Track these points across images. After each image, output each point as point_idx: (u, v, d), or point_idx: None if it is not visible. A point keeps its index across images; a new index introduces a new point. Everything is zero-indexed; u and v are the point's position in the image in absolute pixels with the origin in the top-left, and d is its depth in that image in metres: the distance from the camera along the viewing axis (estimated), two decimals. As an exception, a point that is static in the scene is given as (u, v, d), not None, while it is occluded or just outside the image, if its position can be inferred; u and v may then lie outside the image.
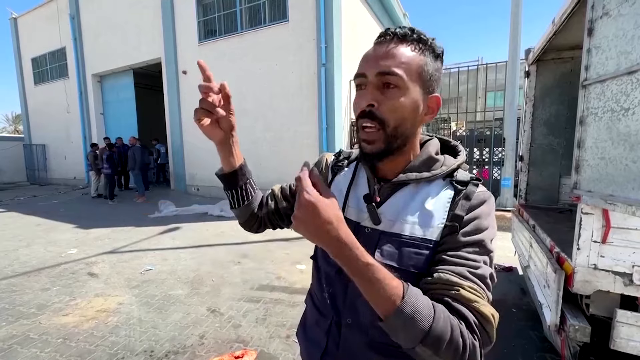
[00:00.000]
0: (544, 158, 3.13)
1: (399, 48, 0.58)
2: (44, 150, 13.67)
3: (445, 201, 0.61)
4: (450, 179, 0.63)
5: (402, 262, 0.60)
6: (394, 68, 0.57)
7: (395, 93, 0.58)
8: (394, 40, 0.59)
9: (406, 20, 12.00)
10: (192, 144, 9.10)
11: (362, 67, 0.60)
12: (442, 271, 0.55)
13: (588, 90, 1.46)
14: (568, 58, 2.93)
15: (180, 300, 2.96)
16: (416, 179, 0.62)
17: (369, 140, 0.60)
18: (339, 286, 0.68)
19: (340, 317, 0.68)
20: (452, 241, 0.58)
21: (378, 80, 0.58)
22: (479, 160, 6.87)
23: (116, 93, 11.33)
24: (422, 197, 0.62)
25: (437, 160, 0.65)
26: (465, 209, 0.59)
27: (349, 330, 0.67)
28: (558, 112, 3.04)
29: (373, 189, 0.66)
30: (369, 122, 0.59)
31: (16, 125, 30.18)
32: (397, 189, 0.65)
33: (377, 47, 0.61)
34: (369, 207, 0.64)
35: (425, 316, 0.48)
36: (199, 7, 8.46)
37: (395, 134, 0.59)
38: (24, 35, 13.41)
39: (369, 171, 0.68)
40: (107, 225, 5.98)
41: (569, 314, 1.55)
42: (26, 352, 2.20)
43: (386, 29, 0.61)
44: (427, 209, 0.61)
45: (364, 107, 0.59)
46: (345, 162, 0.77)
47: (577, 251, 1.46)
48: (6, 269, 3.82)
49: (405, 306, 0.48)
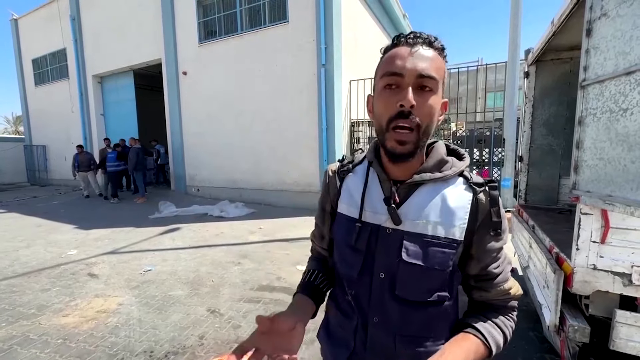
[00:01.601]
0: (544, 158, 3.13)
1: (431, 53, 0.60)
2: (44, 151, 13.68)
3: (466, 202, 0.65)
4: (465, 179, 0.67)
5: (427, 261, 0.63)
6: (433, 72, 0.59)
7: (430, 96, 0.59)
8: (425, 44, 0.60)
9: (406, 21, 12.01)
10: (192, 145, 9.10)
11: (397, 66, 0.59)
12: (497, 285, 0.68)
13: (587, 90, 1.46)
14: (567, 59, 2.94)
15: (180, 301, 2.96)
16: (430, 179, 0.65)
17: (402, 141, 0.60)
18: (362, 288, 0.70)
19: (367, 318, 0.69)
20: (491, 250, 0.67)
21: (417, 82, 0.59)
22: (478, 161, 6.87)
23: (116, 94, 11.34)
24: (442, 196, 0.65)
25: (447, 161, 0.68)
26: (498, 215, 0.65)
27: (376, 329, 0.69)
28: (557, 113, 3.04)
29: (390, 190, 0.67)
30: (406, 122, 0.59)
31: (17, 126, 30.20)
32: (413, 189, 0.67)
33: (409, 48, 0.60)
34: (390, 208, 0.65)
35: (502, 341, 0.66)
36: (199, 8, 8.47)
37: (424, 136, 0.62)
38: (25, 36, 13.43)
39: (383, 174, 0.69)
40: (107, 226, 5.98)
41: (568, 314, 1.55)
42: (26, 352, 2.21)
43: (410, 32, 0.62)
44: (449, 208, 0.64)
45: (406, 108, 0.58)
46: (350, 166, 0.77)
47: (576, 251, 1.46)
48: (6, 270, 3.82)
49: (494, 351, 0.64)
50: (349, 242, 0.70)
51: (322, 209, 0.82)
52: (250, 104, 7.86)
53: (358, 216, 0.69)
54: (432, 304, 0.67)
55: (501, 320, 0.68)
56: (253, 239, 5.04)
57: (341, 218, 0.74)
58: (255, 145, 7.88)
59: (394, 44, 0.63)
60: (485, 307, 0.70)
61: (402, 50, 0.61)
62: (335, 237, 0.77)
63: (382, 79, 0.62)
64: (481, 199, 0.65)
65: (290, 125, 7.38)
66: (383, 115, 0.62)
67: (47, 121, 13.31)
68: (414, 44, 0.60)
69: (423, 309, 0.67)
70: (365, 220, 0.69)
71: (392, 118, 0.60)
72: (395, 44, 0.63)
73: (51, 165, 13.59)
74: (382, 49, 0.66)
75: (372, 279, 0.68)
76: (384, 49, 0.66)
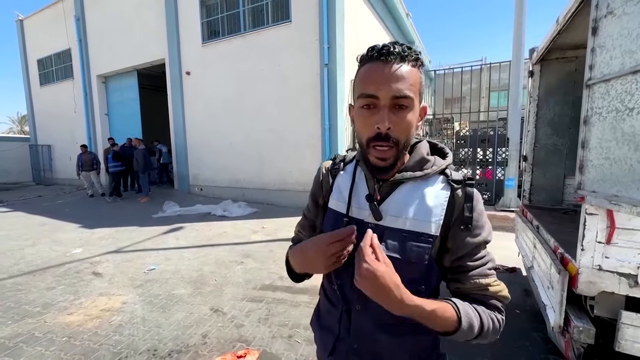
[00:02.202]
0: (548, 158, 3.10)
1: (405, 68, 0.62)
2: (49, 151, 13.80)
3: (443, 199, 0.68)
4: (445, 177, 0.70)
5: (404, 254, 0.67)
6: (407, 91, 0.61)
7: (406, 113, 0.62)
8: (398, 60, 0.61)
9: (409, 20, 11.97)
10: (195, 144, 9.14)
11: (370, 88, 0.62)
12: (472, 277, 0.67)
13: (592, 89, 1.45)
14: (572, 57, 2.91)
15: (184, 300, 2.97)
16: (410, 177, 0.69)
17: (383, 158, 0.65)
18: (347, 278, 0.74)
19: (351, 306, 0.75)
20: (467, 244, 0.68)
21: (392, 103, 0.61)
22: (482, 161, 6.84)
23: (120, 94, 11.41)
24: (421, 194, 0.69)
25: (429, 160, 0.72)
26: (471, 210, 0.67)
27: (359, 315, 0.74)
28: (562, 112, 3.02)
29: (373, 189, 0.72)
30: (385, 142, 0.63)
31: (22, 125, 30.48)
32: (395, 187, 0.71)
33: (382, 66, 0.62)
34: (371, 205, 0.69)
35: (476, 324, 0.63)
36: (202, 8, 8.50)
37: (403, 149, 0.66)
38: (30, 37, 13.55)
39: (368, 173, 0.73)
40: (111, 225, 6.02)
41: (573, 315, 1.54)
42: (31, 350, 2.23)
43: (382, 46, 0.63)
44: (426, 205, 0.68)
45: (383, 131, 0.62)
46: (341, 165, 0.83)
47: (582, 252, 1.45)
48: (12, 268, 3.86)
49: (464, 325, 0.62)
50: None
51: (314, 202, 0.87)
52: (253, 104, 7.87)
53: (346, 211, 0.74)
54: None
55: (480, 307, 0.66)
56: (256, 238, 5.06)
57: (331, 213, 0.79)
58: (258, 144, 7.89)
59: (369, 57, 0.64)
60: (464, 299, 0.70)
61: (376, 68, 0.62)
62: (324, 230, 0.82)
63: (359, 99, 0.65)
64: (458, 196, 0.68)
65: (292, 124, 7.38)
66: (363, 134, 0.66)
67: (52, 121, 13.42)
68: (387, 61, 0.61)
69: None
70: (352, 216, 0.74)
71: (370, 138, 0.64)
72: (370, 58, 0.64)
73: (56, 164, 13.71)
74: (358, 57, 0.68)
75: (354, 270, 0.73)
76: (360, 59, 0.67)
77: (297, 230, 0.95)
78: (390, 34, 10.83)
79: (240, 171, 8.21)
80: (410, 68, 0.62)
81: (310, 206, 0.90)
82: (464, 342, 0.66)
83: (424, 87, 0.67)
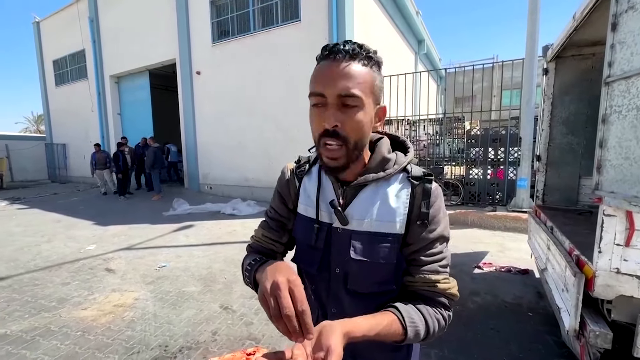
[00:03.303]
0: (563, 158, 3.03)
1: (353, 67, 0.60)
2: (64, 150, 14.15)
3: (405, 197, 0.69)
4: (405, 174, 0.71)
5: (372, 256, 0.68)
6: (353, 90, 0.60)
7: (356, 112, 0.61)
8: (346, 58, 0.60)
9: (419, 19, 11.85)
10: (206, 144, 9.24)
11: (318, 86, 0.62)
12: (422, 272, 0.67)
13: (611, 87, 1.41)
14: (589, 54, 2.84)
15: (194, 297, 3.01)
16: (373, 179, 0.69)
17: (333, 157, 0.64)
18: (322, 283, 0.75)
19: (326, 309, 0.76)
20: (423, 239, 0.68)
21: (339, 101, 0.60)
22: (493, 160, 6.72)
23: (132, 94, 11.61)
24: (383, 195, 0.70)
25: (390, 159, 0.71)
26: (427, 206, 0.68)
27: (335, 319, 0.72)
28: (578, 111, 2.94)
29: (337, 194, 0.72)
30: (333, 140, 0.62)
31: (38, 125, 31.32)
32: (359, 190, 0.71)
33: (330, 65, 0.61)
34: (335, 211, 0.70)
35: (422, 329, 0.64)
36: (212, 8, 8.57)
37: (355, 148, 0.64)
38: (46, 38, 13.91)
39: (332, 177, 0.73)
40: (123, 222, 6.14)
41: (589, 319, 1.50)
42: (47, 343, 2.29)
43: (334, 44, 0.62)
44: (389, 206, 0.69)
45: (329, 128, 0.61)
46: (306, 166, 0.81)
47: (599, 254, 1.41)
48: (29, 263, 3.97)
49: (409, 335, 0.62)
50: (309, 242, 0.75)
51: (283, 203, 0.82)
52: (262, 103, 7.91)
53: (315, 216, 0.74)
54: (382, 295, 0.72)
55: (425, 308, 0.66)
56: (265, 237, 5.08)
57: (301, 219, 0.78)
58: (267, 143, 7.93)
59: (321, 56, 0.64)
60: (411, 295, 0.70)
61: (325, 67, 0.62)
62: (296, 236, 0.81)
63: (310, 98, 0.65)
64: (417, 192, 0.69)
65: (301, 124, 7.38)
66: (314, 132, 0.65)
67: (66, 120, 13.76)
68: (335, 59, 0.61)
69: (373, 299, 0.71)
70: (322, 220, 0.73)
71: (320, 135, 0.63)
72: (322, 57, 0.64)
73: (70, 163, 14.05)
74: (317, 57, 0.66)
75: (330, 274, 0.74)
76: (316, 58, 0.66)
77: (260, 235, 0.83)
78: (400, 32, 10.74)
79: (249, 170, 8.27)
80: (361, 67, 0.61)
81: (277, 207, 0.83)
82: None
83: (379, 87, 0.66)
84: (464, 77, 8.14)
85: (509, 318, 2.55)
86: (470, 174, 6.96)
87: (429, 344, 2.20)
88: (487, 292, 2.99)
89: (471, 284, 3.17)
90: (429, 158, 7.34)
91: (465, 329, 2.39)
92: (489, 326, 2.43)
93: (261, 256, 0.78)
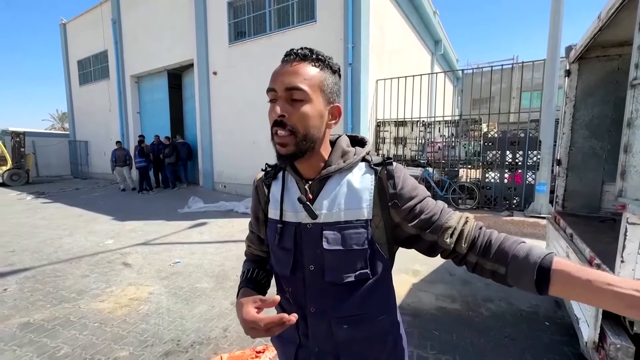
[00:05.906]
0: (585, 163, 2.92)
1: (302, 66, 0.68)
2: (86, 147, 14.69)
3: (369, 183, 0.73)
4: (367, 163, 0.75)
5: (345, 244, 0.71)
6: (299, 84, 0.66)
7: (302, 105, 0.67)
8: (297, 59, 0.68)
9: (436, 19, 11.67)
10: (220, 143, 9.39)
11: (271, 83, 0.69)
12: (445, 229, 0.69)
13: (638, 90, 1.35)
14: (615, 56, 2.72)
15: (206, 293, 3.07)
16: (335, 170, 0.73)
17: (282, 143, 0.68)
18: (297, 283, 0.77)
19: (304, 309, 0.76)
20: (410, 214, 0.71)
21: (287, 95, 0.67)
22: (511, 164, 6.56)
23: (151, 93, 11.93)
24: (348, 184, 0.73)
25: (349, 151, 0.76)
26: (394, 186, 0.71)
27: (314, 318, 0.76)
28: (602, 114, 2.83)
29: (304, 189, 0.75)
30: (281, 129, 0.67)
31: (62, 122, 32.61)
32: (323, 183, 0.74)
33: (283, 65, 0.69)
34: (304, 206, 0.72)
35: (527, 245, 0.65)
36: (230, 9, 8.71)
37: (304, 139, 0.68)
38: (72, 39, 14.48)
39: (296, 175, 0.76)
40: (140, 218, 6.32)
41: (609, 331, 1.44)
42: (67, 333, 2.38)
43: (290, 49, 0.70)
44: (354, 193, 0.72)
45: (276, 118, 0.67)
46: (272, 172, 0.85)
47: (621, 264, 1.35)
48: (51, 255, 4.14)
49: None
50: (274, 242, 0.78)
51: (255, 217, 0.89)
52: (276, 103, 7.96)
53: (279, 217, 0.77)
54: (359, 283, 0.73)
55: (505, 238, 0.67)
56: (276, 236, 5.12)
57: (271, 223, 0.81)
58: (281, 143, 7.98)
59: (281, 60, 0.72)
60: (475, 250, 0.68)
61: (278, 67, 0.70)
62: (268, 241, 0.84)
63: (267, 95, 0.71)
64: (382, 176, 0.73)
65: (315, 124, 7.40)
66: (270, 124, 0.70)
67: (89, 118, 14.27)
68: (287, 61, 0.69)
69: (351, 289, 0.73)
70: (287, 220, 0.76)
71: (272, 126, 0.69)
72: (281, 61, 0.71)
73: (92, 159, 14.56)
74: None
75: (304, 273, 0.75)
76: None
77: (248, 243, 0.96)
78: (416, 33, 10.61)
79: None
80: (310, 67, 0.68)
81: (252, 222, 0.91)
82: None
83: (331, 87, 0.70)
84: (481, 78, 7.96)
85: (525, 327, 2.47)
86: (487, 177, 6.81)
87: (441, 350, 2.17)
88: (501, 299, 2.91)
89: (485, 290, 3.09)
90: (444, 160, 7.22)
91: (479, 336, 2.34)
92: (503, 334, 2.37)
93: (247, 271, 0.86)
